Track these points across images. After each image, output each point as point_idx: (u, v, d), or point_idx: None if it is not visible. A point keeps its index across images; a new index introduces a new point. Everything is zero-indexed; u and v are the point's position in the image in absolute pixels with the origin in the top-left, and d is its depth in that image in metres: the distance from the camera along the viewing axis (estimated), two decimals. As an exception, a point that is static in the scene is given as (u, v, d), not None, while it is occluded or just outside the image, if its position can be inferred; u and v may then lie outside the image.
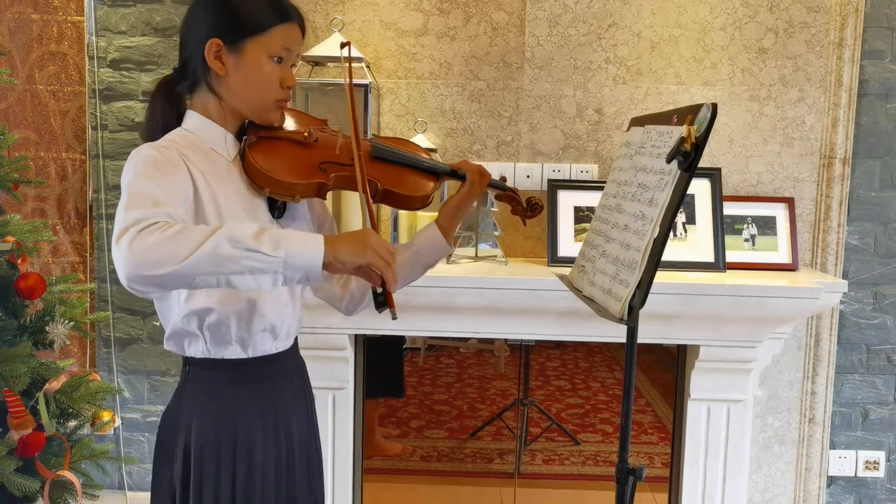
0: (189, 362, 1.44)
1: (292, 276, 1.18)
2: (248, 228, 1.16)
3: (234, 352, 1.41)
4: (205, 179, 1.35)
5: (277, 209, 1.46)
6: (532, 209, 1.66)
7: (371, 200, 1.41)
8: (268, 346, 1.45)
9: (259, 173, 1.39)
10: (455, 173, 1.57)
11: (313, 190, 1.44)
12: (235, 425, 1.42)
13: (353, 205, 2.52)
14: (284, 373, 1.51)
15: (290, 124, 1.48)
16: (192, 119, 1.43)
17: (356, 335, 2.51)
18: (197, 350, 1.41)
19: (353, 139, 1.45)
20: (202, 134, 1.41)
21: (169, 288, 1.16)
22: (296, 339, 1.55)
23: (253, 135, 1.43)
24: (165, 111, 1.44)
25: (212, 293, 1.36)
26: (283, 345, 1.48)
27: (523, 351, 2.70)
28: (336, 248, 1.20)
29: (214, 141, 1.42)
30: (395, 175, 1.51)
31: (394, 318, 1.28)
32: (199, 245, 1.12)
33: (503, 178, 1.70)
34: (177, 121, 1.44)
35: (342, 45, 1.54)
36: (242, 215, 1.38)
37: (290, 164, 1.42)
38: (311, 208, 1.58)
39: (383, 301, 1.28)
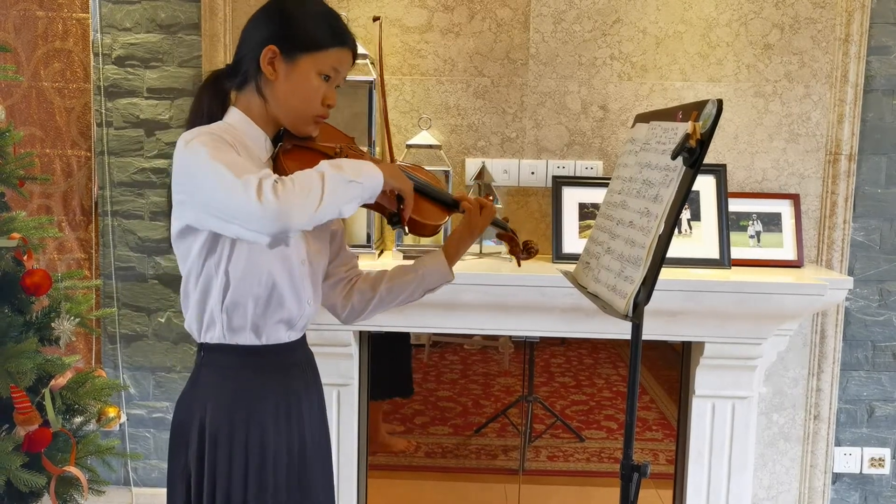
0: (204, 348, 1.49)
1: (363, 196, 1.39)
2: (330, 165, 1.35)
3: (247, 338, 1.46)
4: None
5: None
6: (528, 251, 1.72)
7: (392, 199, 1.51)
8: (281, 335, 1.49)
9: None
10: (464, 208, 1.65)
11: None
12: (249, 410, 1.46)
13: (358, 216, 2.53)
14: (296, 362, 1.56)
15: (321, 138, 1.55)
16: (234, 115, 1.49)
17: (361, 332, 2.51)
18: (213, 335, 1.46)
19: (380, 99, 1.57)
20: (242, 130, 1.47)
21: (296, 231, 1.32)
22: (304, 330, 1.59)
23: (288, 142, 1.51)
24: (212, 104, 1.50)
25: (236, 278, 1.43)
26: (295, 335, 1.53)
27: (528, 347, 2.70)
28: (384, 173, 1.42)
29: (252, 140, 1.48)
30: (415, 200, 1.56)
31: (406, 233, 1.56)
32: (322, 190, 1.30)
33: (505, 219, 1.78)
34: (221, 114, 1.50)
35: (374, 19, 1.59)
36: None
37: None
38: None
39: (398, 220, 1.50)
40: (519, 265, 1.79)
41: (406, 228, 1.50)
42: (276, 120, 1.50)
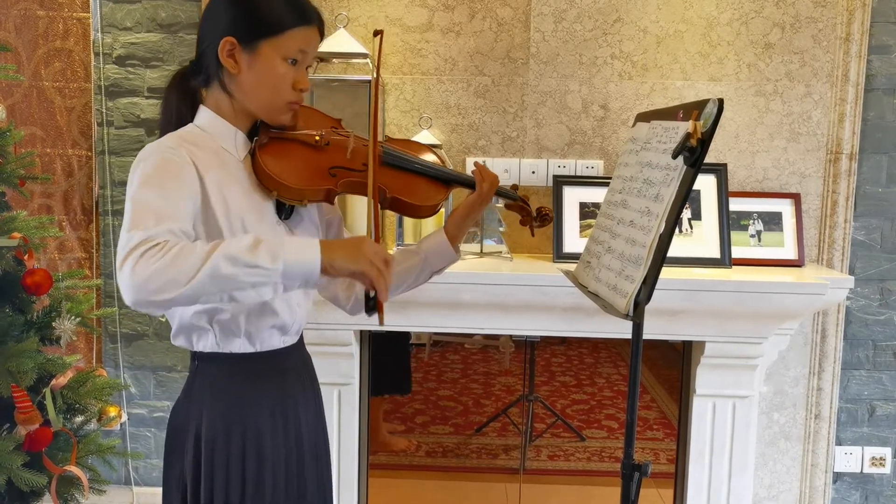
0: (197, 357, 1.45)
1: (291, 284, 1.20)
2: (245, 242, 1.17)
3: (241, 345, 1.42)
4: (213, 179, 1.33)
5: (285, 211, 1.45)
6: (542, 219, 1.62)
7: (379, 207, 1.39)
8: (275, 341, 1.46)
9: (268, 177, 1.37)
10: (464, 181, 1.54)
11: (321, 195, 1.42)
12: (245, 418, 1.43)
13: (359, 206, 2.52)
14: (292, 367, 1.52)
15: (303, 124, 1.45)
16: (203, 115, 1.41)
17: (361, 331, 2.51)
18: (206, 344, 1.42)
19: (371, 145, 1.42)
20: (213, 131, 1.40)
21: (175, 307, 1.18)
22: (301, 333, 1.56)
23: (264, 135, 1.41)
24: (180, 105, 1.42)
25: None
26: (290, 340, 1.49)
27: (528, 347, 2.70)
28: (332, 254, 1.22)
29: (225, 139, 1.40)
30: (405, 182, 1.49)
31: (381, 323, 1.31)
32: (199, 268, 1.13)
33: (514, 187, 1.65)
34: (191, 114, 1.42)
35: (375, 33, 1.45)
36: (250, 215, 1.37)
37: (300, 168, 1.40)
38: (319, 207, 1.57)
39: (373, 306, 1.31)
40: (532, 234, 1.66)
41: (383, 319, 1.30)
42: (248, 113, 1.41)
